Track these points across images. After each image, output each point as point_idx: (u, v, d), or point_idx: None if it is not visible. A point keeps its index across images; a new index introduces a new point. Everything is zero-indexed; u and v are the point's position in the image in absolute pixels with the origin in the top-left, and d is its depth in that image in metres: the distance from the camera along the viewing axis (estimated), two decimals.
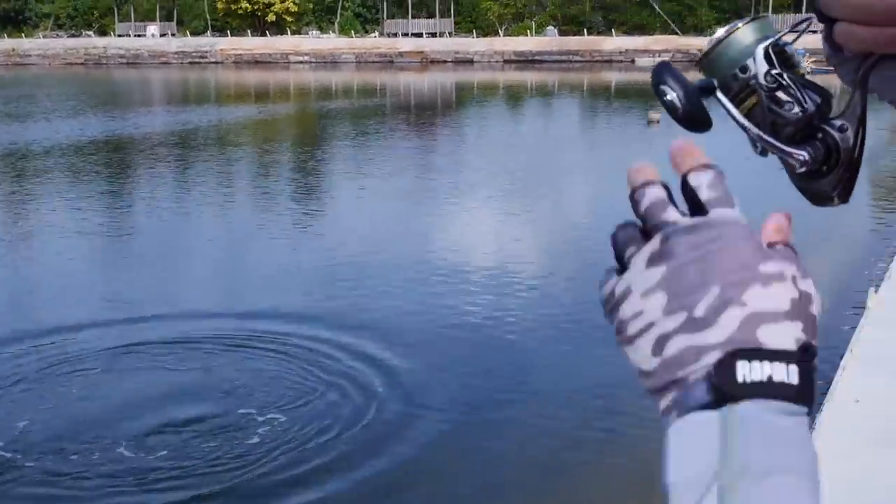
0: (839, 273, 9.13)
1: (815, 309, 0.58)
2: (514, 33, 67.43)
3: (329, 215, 13.51)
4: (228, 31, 70.72)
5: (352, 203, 14.24)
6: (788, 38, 0.73)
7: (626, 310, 0.60)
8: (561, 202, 14.51)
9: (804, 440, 0.55)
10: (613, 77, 46.00)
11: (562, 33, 63.68)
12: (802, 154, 0.70)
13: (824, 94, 0.72)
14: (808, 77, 0.70)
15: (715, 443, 0.54)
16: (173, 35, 71.00)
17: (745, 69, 0.72)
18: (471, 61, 57.00)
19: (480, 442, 5.87)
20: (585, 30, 64.47)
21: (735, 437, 0.54)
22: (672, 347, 0.58)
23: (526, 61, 55.66)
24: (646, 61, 52.85)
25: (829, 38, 0.67)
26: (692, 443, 0.55)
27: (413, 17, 68.51)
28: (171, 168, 18.30)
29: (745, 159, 0.83)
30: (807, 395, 0.55)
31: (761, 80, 0.71)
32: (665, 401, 0.58)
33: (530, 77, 47.84)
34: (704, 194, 0.62)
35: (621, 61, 53.82)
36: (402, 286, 9.12)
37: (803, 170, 0.71)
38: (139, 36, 70.35)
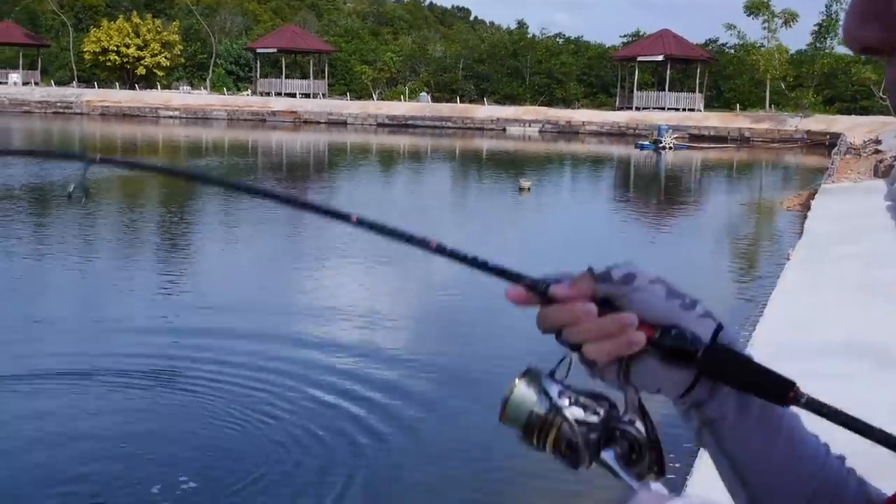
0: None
1: None
2: (388, 98, 68.13)
3: (191, 276, 13.17)
4: (96, 83, 69.09)
5: (215, 265, 13.95)
6: (558, 374, 0.84)
7: None
8: (430, 269, 14.55)
9: None
10: (485, 144, 46.83)
11: (434, 100, 64.64)
12: (634, 482, 0.81)
13: (608, 398, 0.84)
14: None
15: None
16: (36, 84, 68.92)
17: (536, 414, 0.83)
18: (344, 123, 57.18)
19: None
20: (458, 97, 65.66)
21: None
22: None
23: (399, 125, 56.18)
24: (516, 130, 54.08)
25: (583, 361, 0.82)
26: None
27: (287, 77, 68.41)
28: (23, 224, 17.58)
29: None
30: None
31: (558, 402, 0.82)
32: None
33: (403, 141, 48.26)
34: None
35: (493, 129, 54.89)
36: (261, 350, 8.93)
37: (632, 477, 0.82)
38: (0, 83, 68.00)
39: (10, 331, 9.49)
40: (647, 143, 43.90)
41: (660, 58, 60.02)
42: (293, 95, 65.44)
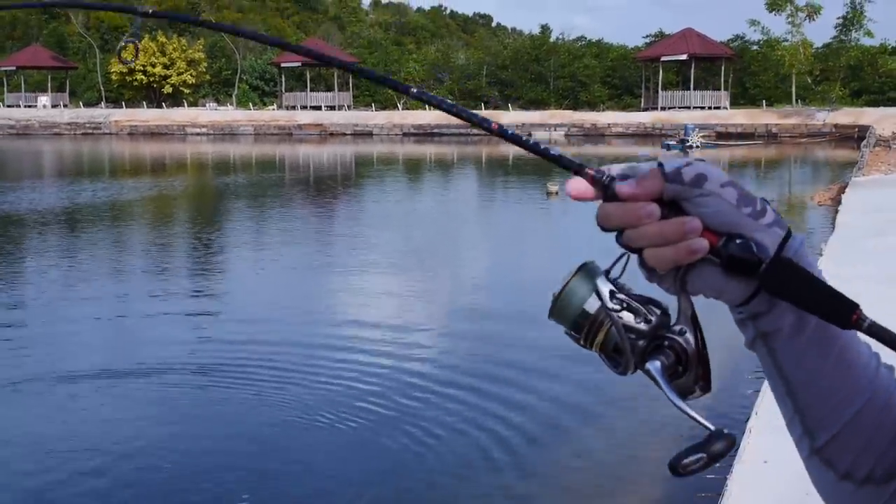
0: (732, 338, 9.31)
1: None
2: (413, 107, 68.29)
3: (226, 293, 13.25)
4: (123, 103, 69.78)
5: (250, 280, 14.04)
6: (613, 273, 0.83)
7: None
8: (461, 275, 14.55)
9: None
10: (511, 150, 46.80)
11: None
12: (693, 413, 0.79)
13: (660, 305, 0.82)
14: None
15: None
16: (65, 106, 69.71)
17: (586, 312, 0.82)
18: (370, 134, 57.36)
19: None
20: (483, 104, 65.66)
21: None
22: None
23: (425, 134, 56.28)
24: (542, 135, 53.97)
25: (642, 263, 0.80)
26: None
27: (311, 90, 68.75)
28: (61, 244, 17.77)
29: None
30: None
31: (609, 305, 0.80)
32: None
33: (429, 150, 48.33)
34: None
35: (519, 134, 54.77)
36: (303, 359, 8.97)
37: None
38: (30, 107, 68.84)
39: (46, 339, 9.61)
40: (673, 142, 43.67)
41: (684, 57, 59.73)
42: (318, 108, 65.76)
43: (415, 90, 0.88)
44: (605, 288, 0.81)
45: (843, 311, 0.76)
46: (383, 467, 6.55)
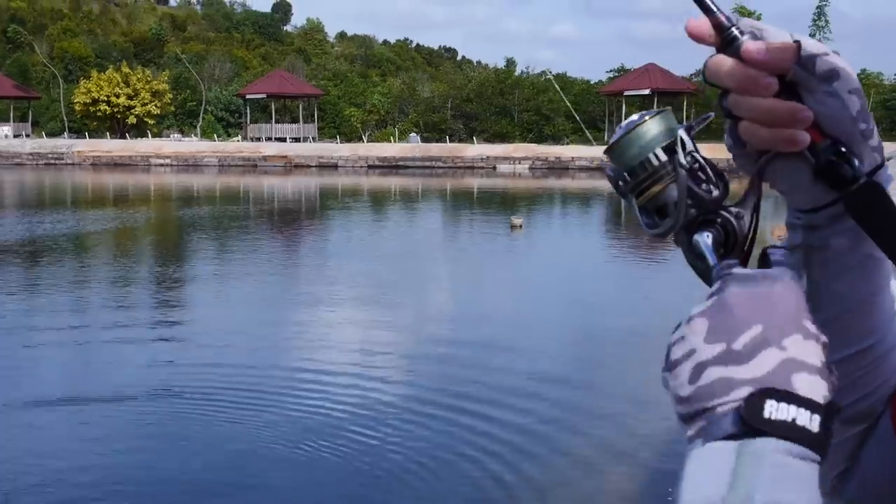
0: None
1: (833, 382, 0.64)
2: (378, 139, 68.47)
3: (188, 325, 13.13)
4: (86, 133, 69.34)
5: (213, 310, 13.93)
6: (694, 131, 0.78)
7: (675, 336, 0.66)
8: (425, 307, 14.54)
9: (812, 485, 0.58)
10: (476, 183, 47.01)
11: (424, 140, 64.96)
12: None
13: (727, 181, 0.77)
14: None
15: (727, 472, 0.57)
16: (28, 136, 69.13)
17: (650, 160, 0.76)
18: (335, 166, 57.38)
19: None
20: (447, 137, 65.98)
21: (747, 468, 0.57)
22: (707, 377, 0.62)
23: (390, 166, 56.39)
24: (506, 168, 54.31)
25: (732, 132, 0.75)
26: (708, 468, 0.59)
27: (276, 121, 68.73)
28: (19, 276, 17.56)
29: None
30: (824, 444, 0.59)
31: (682, 160, 0.75)
32: (693, 428, 0.62)
33: (394, 182, 48.41)
34: (775, 256, 0.72)
35: (483, 167, 55.12)
36: (262, 395, 8.90)
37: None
38: None
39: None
40: None
41: (646, 91, 60.52)
42: (283, 140, 65.78)
43: None
44: (683, 143, 0.75)
45: None
46: (352, 492, 6.50)
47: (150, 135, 69.32)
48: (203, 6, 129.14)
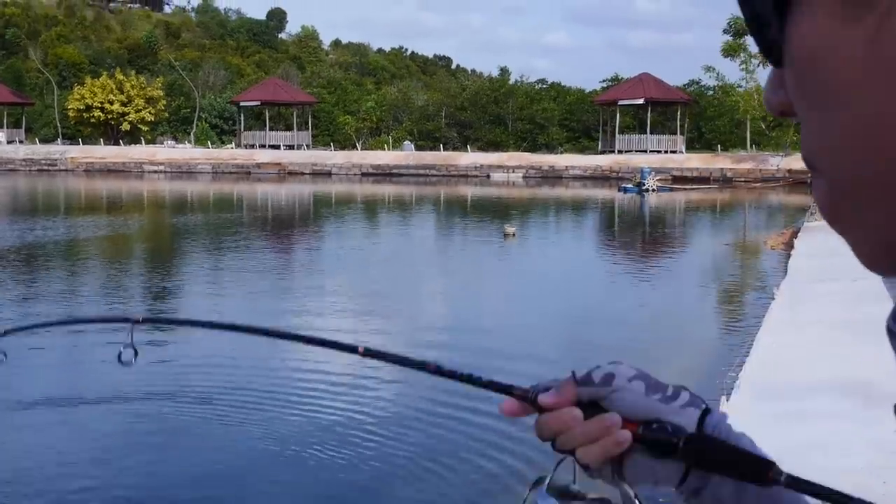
0: (690, 383, 9.33)
1: None
2: (372, 147, 68.46)
3: (186, 328, 13.10)
4: (80, 140, 69.24)
5: (209, 316, 13.88)
6: (560, 481, 0.89)
7: None
8: (419, 315, 14.54)
9: None
10: (469, 191, 47.03)
11: (418, 148, 64.98)
12: None
13: (609, 501, 0.87)
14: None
15: None
16: (21, 142, 69.00)
17: None
18: (329, 173, 57.38)
19: None
20: (441, 145, 65.99)
21: None
22: None
23: (383, 174, 56.41)
24: (500, 176, 54.36)
25: (578, 462, 0.86)
26: None
27: (270, 129, 68.69)
28: (10, 281, 17.51)
29: None
30: None
31: None
32: None
33: (388, 190, 48.42)
34: None
35: (477, 176, 55.16)
36: (258, 398, 8.89)
37: None
38: None
39: None
40: (630, 185, 44.16)
41: (640, 101, 60.56)
42: (277, 147, 65.69)
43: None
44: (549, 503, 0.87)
45: (760, 469, 0.78)
46: (351, 493, 6.50)
47: (143, 141, 69.16)
48: (198, 13, 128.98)
